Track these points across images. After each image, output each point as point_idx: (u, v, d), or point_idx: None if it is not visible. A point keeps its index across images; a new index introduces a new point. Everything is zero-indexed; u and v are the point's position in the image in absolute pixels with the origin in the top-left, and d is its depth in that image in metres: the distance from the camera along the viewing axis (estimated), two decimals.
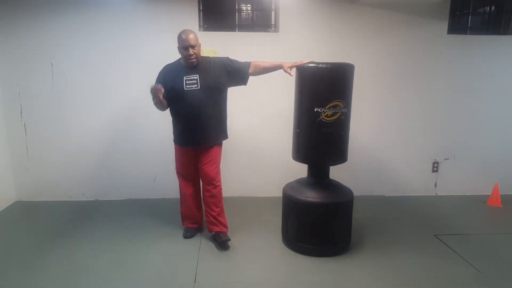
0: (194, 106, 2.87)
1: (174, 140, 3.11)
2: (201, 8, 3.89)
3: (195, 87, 2.86)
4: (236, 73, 2.97)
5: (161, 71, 2.99)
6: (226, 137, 3.13)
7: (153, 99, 2.83)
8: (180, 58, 2.96)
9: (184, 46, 2.78)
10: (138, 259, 2.87)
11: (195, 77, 2.86)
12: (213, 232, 3.12)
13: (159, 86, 2.74)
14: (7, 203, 3.89)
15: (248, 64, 2.97)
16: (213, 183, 3.03)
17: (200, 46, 2.87)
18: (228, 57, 3.01)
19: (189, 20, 3.78)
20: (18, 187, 4.01)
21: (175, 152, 3.14)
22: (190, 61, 2.82)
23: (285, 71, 2.85)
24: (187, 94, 2.86)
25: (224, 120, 3.07)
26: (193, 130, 2.94)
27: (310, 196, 2.88)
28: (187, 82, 2.86)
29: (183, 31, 2.83)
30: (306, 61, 2.82)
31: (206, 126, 2.93)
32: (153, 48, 3.82)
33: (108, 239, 3.16)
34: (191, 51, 2.78)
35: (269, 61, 2.99)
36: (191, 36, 2.79)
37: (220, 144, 3.09)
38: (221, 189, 3.10)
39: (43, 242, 3.12)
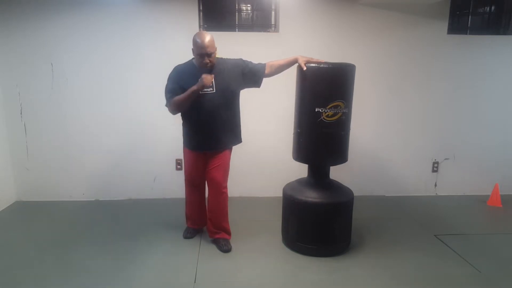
0: (209, 110, 2.75)
1: (184, 144, 3.00)
2: (201, 8, 3.89)
3: (211, 90, 2.73)
4: (252, 75, 2.87)
5: (173, 72, 2.83)
6: (239, 141, 3.03)
7: (192, 93, 2.65)
8: (192, 58, 2.84)
9: (200, 53, 2.64)
10: (138, 259, 2.86)
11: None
12: (215, 238, 3.08)
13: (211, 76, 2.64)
14: (7, 203, 3.89)
15: (263, 66, 2.88)
16: (219, 188, 2.93)
17: (216, 50, 2.72)
18: (242, 59, 2.91)
19: (189, 20, 3.79)
20: (18, 187, 4.01)
21: (184, 156, 3.05)
22: (205, 68, 2.71)
23: (300, 65, 2.75)
24: (202, 97, 2.72)
25: (238, 124, 2.97)
26: (206, 134, 2.83)
27: (310, 196, 2.88)
28: None
29: (200, 35, 2.65)
30: (322, 60, 2.76)
31: (220, 131, 2.84)
32: (153, 48, 3.82)
33: (108, 239, 3.16)
34: (207, 59, 2.66)
35: (283, 59, 2.88)
36: (208, 42, 2.62)
37: (230, 149, 3.00)
38: (227, 195, 3.01)
39: (43, 242, 3.12)
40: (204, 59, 2.66)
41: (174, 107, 2.79)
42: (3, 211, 3.76)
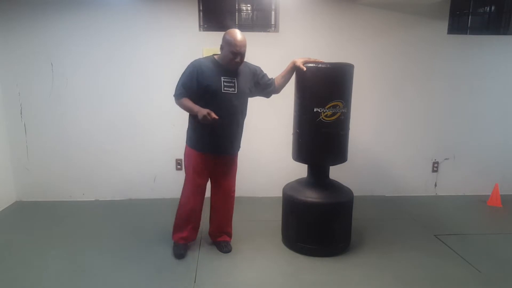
0: (228, 111, 2.67)
1: (191, 146, 2.80)
2: (201, 8, 3.89)
3: (232, 90, 2.66)
4: (265, 87, 2.89)
5: (192, 66, 2.67)
6: (240, 146, 3.00)
7: (195, 112, 2.61)
8: (214, 55, 2.75)
9: (233, 52, 2.56)
10: (138, 259, 2.86)
11: (233, 80, 2.67)
12: (216, 241, 3.06)
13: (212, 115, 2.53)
14: (7, 203, 3.89)
15: (274, 80, 2.91)
16: (229, 192, 2.95)
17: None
18: (260, 68, 2.89)
19: (189, 20, 3.79)
20: (18, 187, 4.01)
21: (188, 159, 2.84)
22: (234, 66, 2.65)
23: (299, 66, 2.76)
24: (223, 97, 2.64)
25: (242, 129, 2.92)
26: (222, 136, 2.74)
27: (310, 196, 2.88)
28: (225, 84, 2.64)
29: (235, 33, 2.58)
30: (319, 60, 2.78)
31: (234, 134, 2.79)
32: (153, 48, 3.82)
33: (107, 239, 3.16)
34: (239, 58, 2.60)
35: (283, 70, 2.91)
36: (244, 42, 2.58)
37: (237, 154, 2.98)
38: (234, 199, 3.02)
39: (43, 242, 3.12)
40: (236, 57, 2.59)
41: (180, 106, 2.74)
42: (3, 211, 3.76)
